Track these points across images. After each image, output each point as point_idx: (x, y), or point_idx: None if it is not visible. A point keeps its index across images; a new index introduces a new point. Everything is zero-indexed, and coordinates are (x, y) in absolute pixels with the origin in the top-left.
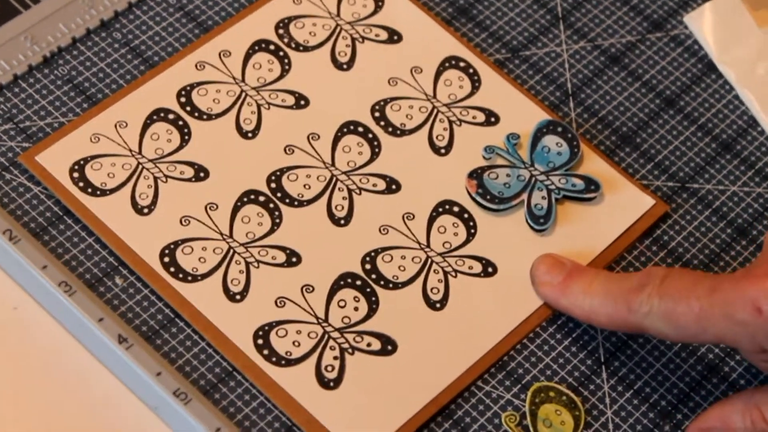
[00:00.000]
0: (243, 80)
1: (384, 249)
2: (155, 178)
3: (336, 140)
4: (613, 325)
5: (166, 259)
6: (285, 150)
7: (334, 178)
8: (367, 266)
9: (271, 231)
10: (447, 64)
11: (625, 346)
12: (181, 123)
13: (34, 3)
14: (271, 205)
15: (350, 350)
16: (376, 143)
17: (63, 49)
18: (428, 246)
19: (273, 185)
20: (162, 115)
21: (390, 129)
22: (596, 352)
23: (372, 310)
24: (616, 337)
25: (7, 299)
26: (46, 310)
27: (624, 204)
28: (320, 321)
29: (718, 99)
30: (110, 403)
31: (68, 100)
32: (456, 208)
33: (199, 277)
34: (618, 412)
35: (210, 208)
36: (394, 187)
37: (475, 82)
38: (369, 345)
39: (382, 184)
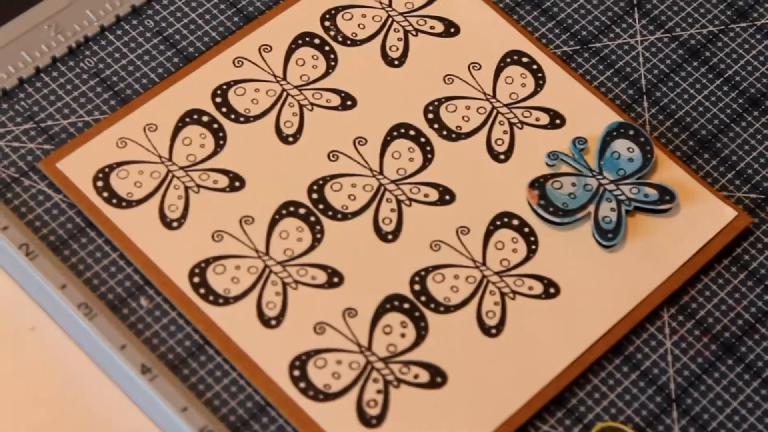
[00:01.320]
0: (284, 78)
1: (435, 267)
2: (186, 188)
3: (385, 145)
4: None
5: (196, 279)
6: (329, 156)
7: (382, 188)
8: (416, 287)
9: (312, 248)
10: (508, 60)
11: (699, 381)
12: (215, 126)
13: None
14: (312, 219)
15: (395, 383)
16: (428, 148)
17: (90, 39)
18: (484, 264)
19: (315, 196)
20: (195, 117)
21: (444, 132)
22: (666, 388)
23: (420, 336)
24: (689, 371)
25: (24, 318)
26: (65, 332)
27: (702, 216)
28: (363, 349)
29: None
30: None
31: (94, 96)
32: (515, 222)
33: (232, 300)
34: None
35: (245, 222)
36: (447, 197)
37: (539, 79)
38: (416, 377)
39: (434, 195)
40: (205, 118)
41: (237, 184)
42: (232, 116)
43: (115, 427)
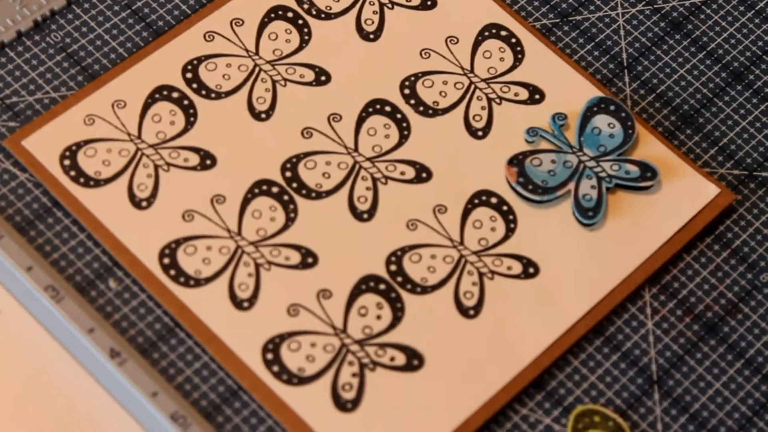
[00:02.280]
0: (257, 53)
1: (412, 247)
2: (156, 167)
3: (360, 122)
4: None
5: (166, 260)
6: (302, 133)
7: (357, 166)
8: (393, 267)
9: (285, 227)
10: (486, 34)
11: (680, 362)
12: (186, 103)
13: None
14: (286, 198)
15: (371, 366)
16: (405, 125)
17: (56, 13)
18: (462, 243)
19: (288, 174)
20: (165, 93)
21: (421, 108)
22: (648, 369)
23: (396, 318)
24: (670, 352)
25: None
26: (32, 315)
27: (684, 193)
28: (338, 332)
29: None
30: (101, 423)
31: (61, 71)
32: (494, 200)
33: (203, 281)
34: None
35: (216, 201)
36: (424, 175)
37: (518, 53)
38: (392, 359)
39: (411, 172)
40: (175, 95)
41: (208, 162)
42: (203, 92)
43: (84, 412)
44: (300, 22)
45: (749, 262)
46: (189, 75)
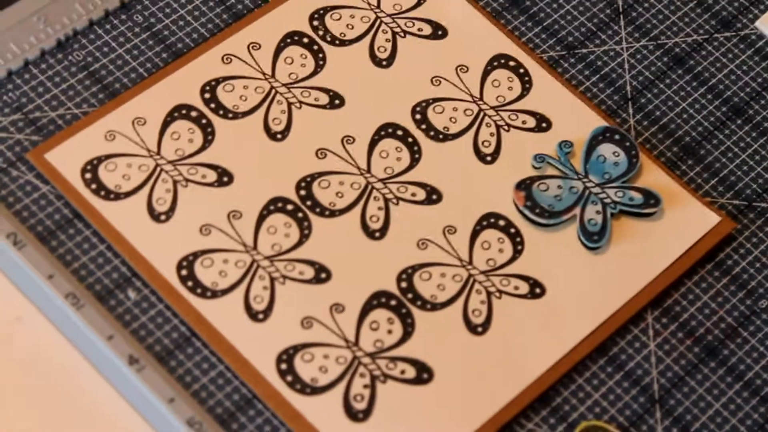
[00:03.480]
0: (273, 76)
1: (422, 266)
2: (174, 182)
3: (372, 144)
4: None
5: (184, 272)
6: (317, 154)
7: (370, 186)
8: (403, 284)
9: (299, 243)
10: (495, 63)
11: (681, 382)
12: (204, 121)
13: None
14: (300, 215)
15: (382, 378)
16: (416, 148)
17: (79, 33)
18: (470, 263)
19: (303, 192)
20: (184, 112)
21: (432, 133)
22: (650, 388)
23: (407, 333)
24: (672, 373)
25: (9, 309)
26: (51, 323)
27: (686, 221)
28: (350, 345)
29: None
30: (118, 428)
31: (83, 89)
32: (502, 222)
33: (219, 293)
34: None
35: (233, 217)
36: (434, 197)
37: (526, 83)
38: (403, 372)
39: (421, 194)
40: (193, 113)
41: (225, 179)
42: (221, 112)
43: (101, 418)
44: (315, 47)
45: (748, 289)
46: (207, 95)
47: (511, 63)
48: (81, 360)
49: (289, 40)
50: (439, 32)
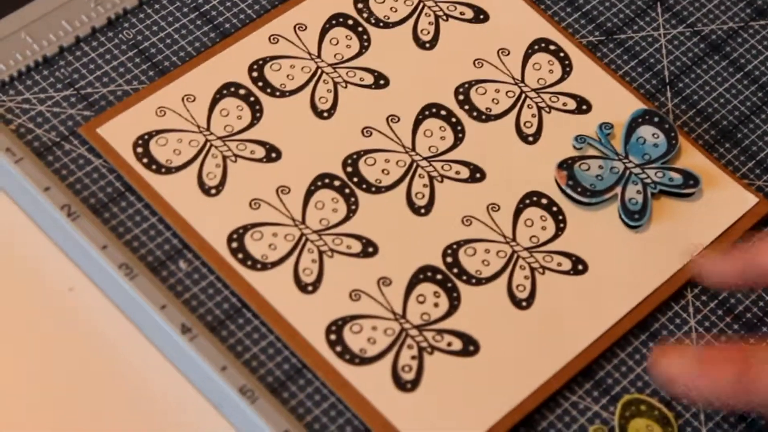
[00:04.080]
0: (319, 56)
1: (467, 241)
2: (224, 157)
3: (417, 123)
4: None
5: (234, 245)
6: (362, 132)
7: (415, 164)
8: (449, 259)
9: (347, 218)
10: (536, 47)
11: None
12: (252, 99)
13: None
14: (347, 191)
15: (429, 350)
16: (459, 128)
17: (129, 12)
18: (514, 240)
19: (349, 169)
20: (232, 89)
21: (475, 113)
22: None
23: (453, 306)
24: None
25: (62, 280)
26: (104, 293)
27: (724, 201)
28: (398, 317)
29: None
30: (170, 397)
31: (133, 66)
32: (544, 201)
33: (269, 266)
34: (714, 430)
35: (282, 192)
36: (478, 175)
37: (566, 66)
38: (449, 345)
39: (465, 172)
40: (241, 91)
41: (273, 155)
42: (268, 90)
43: (154, 387)
44: (360, 29)
45: None
46: (255, 74)
47: (552, 47)
48: (133, 330)
49: (334, 22)
50: (481, 16)
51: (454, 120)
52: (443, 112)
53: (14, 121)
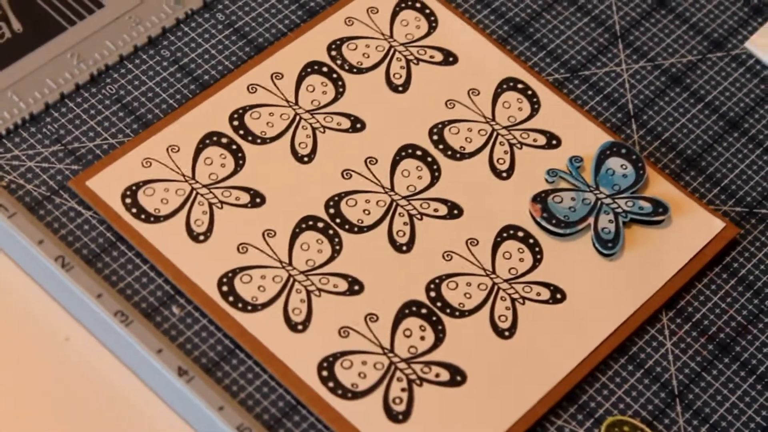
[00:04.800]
0: (297, 103)
1: (448, 276)
2: (210, 204)
3: (394, 164)
4: None
5: (225, 288)
6: (342, 174)
7: (394, 203)
8: (432, 294)
9: (332, 258)
10: (505, 86)
11: (699, 377)
12: (234, 147)
13: (79, 19)
14: (331, 232)
15: (418, 381)
16: (435, 167)
17: (110, 67)
18: (494, 272)
19: (331, 211)
20: (215, 138)
21: (449, 152)
22: (669, 384)
23: (439, 339)
24: (689, 369)
25: (58, 329)
26: (99, 341)
27: (693, 227)
28: (386, 351)
29: None
30: None
31: (117, 120)
32: (521, 233)
33: (259, 307)
34: None
35: (268, 235)
36: (456, 212)
37: (535, 104)
38: (437, 375)
39: (443, 209)
40: (224, 140)
41: (258, 200)
42: (250, 138)
43: (153, 429)
44: (334, 75)
45: (755, 289)
46: (236, 123)
47: (520, 85)
48: (130, 375)
49: (309, 70)
50: (450, 59)
51: (429, 159)
52: (419, 152)
53: (4, 177)
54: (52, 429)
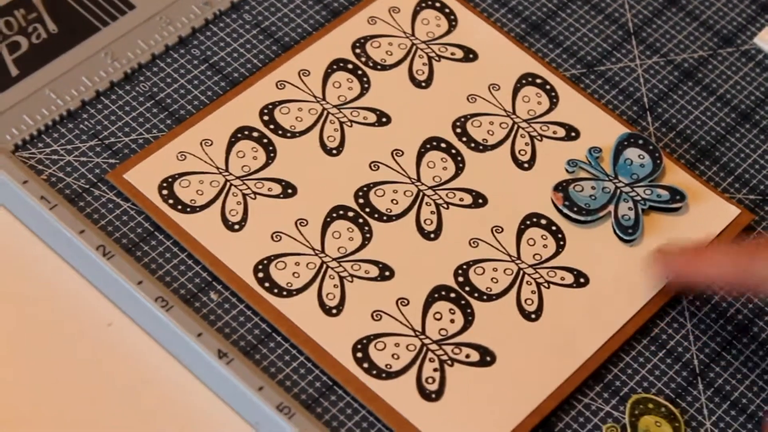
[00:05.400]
0: (324, 98)
1: (475, 262)
2: (244, 195)
3: (420, 156)
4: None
5: (260, 275)
6: (370, 166)
7: (421, 193)
8: (460, 279)
9: (362, 246)
10: (524, 81)
11: (719, 357)
12: (265, 141)
13: (111, 20)
14: (361, 221)
15: (449, 362)
16: (459, 158)
17: (143, 66)
18: (519, 258)
19: (361, 201)
20: (246, 133)
21: (472, 144)
22: (691, 364)
23: (468, 322)
24: (709, 349)
25: (101, 316)
26: (140, 327)
27: (709, 214)
28: (418, 333)
29: None
30: (209, 419)
31: (151, 116)
32: (543, 221)
33: (294, 292)
34: (717, 423)
35: (300, 224)
36: (480, 201)
37: (553, 98)
38: (468, 356)
39: (468, 199)
40: (255, 134)
41: (290, 191)
42: (280, 132)
43: (194, 411)
44: (359, 72)
45: None
46: (266, 117)
47: (538, 80)
48: (170, 359)
49: (335, 67)
50: (470, 56)
51: (453, 151)
52: (443, 145)
53: (45, 171)
54: (97, 410)
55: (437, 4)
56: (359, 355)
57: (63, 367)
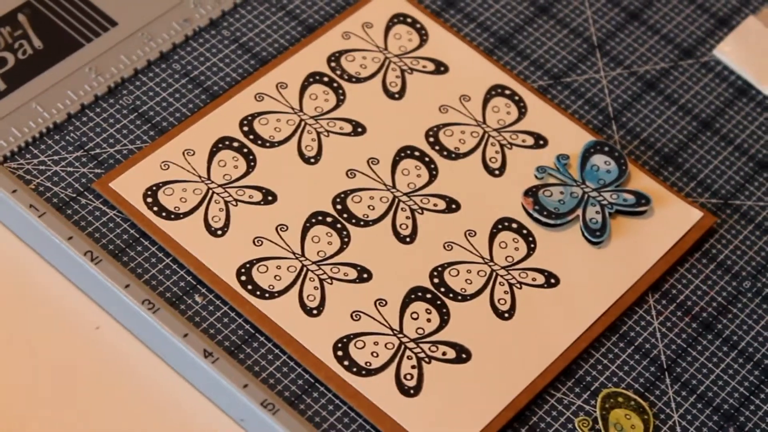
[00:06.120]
0: (301, 110)
1: (450, 264)
2: (226, 202)
3: (395, 164)
4: None
5: (243, 278)
6: (347, 174)
7: (397, 200)
8: (436, 280)
9: (341, 250)
10: (493, 92)
11: (685, 353)
12: (245, 150)
13: (95, 36)
14: (339, 226)
15: (427, 359)
16: (433, 166)
17: (126, 80)
18: (492, 260)
19: (338, 207)
20: (227, 143)
21: (445, 153)
22: (658, 359)
23: (444, 321)
24: (675, 345)
25: (89, 320)
26: (127, 330)
27: (674, 217)
28: (396, 332)
29: (751, 121)
30: (196, 418)
31: (135, 128)
32: (515, 225)
33: (276, 294)
34: (684, 416)
35: (281, 229)
36: (453, 206)
37: (522, 108)
38: (444, 354)
39: (442, 204)
40: (235, 144)
41: (270, 198)
42: (259, 142)
43: (180, 410)
44: (335, 84)
45: (732, 272)
46: (246, 128)
47: (507, 91)
48: (157, 360)
49: (311, 79)
50: (441, 68)
51: (427, 159)
52: (417, 153)
53: (33, 181)
54: (85, 412)
55: (409, 20)
56: (340, 353)
57: (52, 370)
